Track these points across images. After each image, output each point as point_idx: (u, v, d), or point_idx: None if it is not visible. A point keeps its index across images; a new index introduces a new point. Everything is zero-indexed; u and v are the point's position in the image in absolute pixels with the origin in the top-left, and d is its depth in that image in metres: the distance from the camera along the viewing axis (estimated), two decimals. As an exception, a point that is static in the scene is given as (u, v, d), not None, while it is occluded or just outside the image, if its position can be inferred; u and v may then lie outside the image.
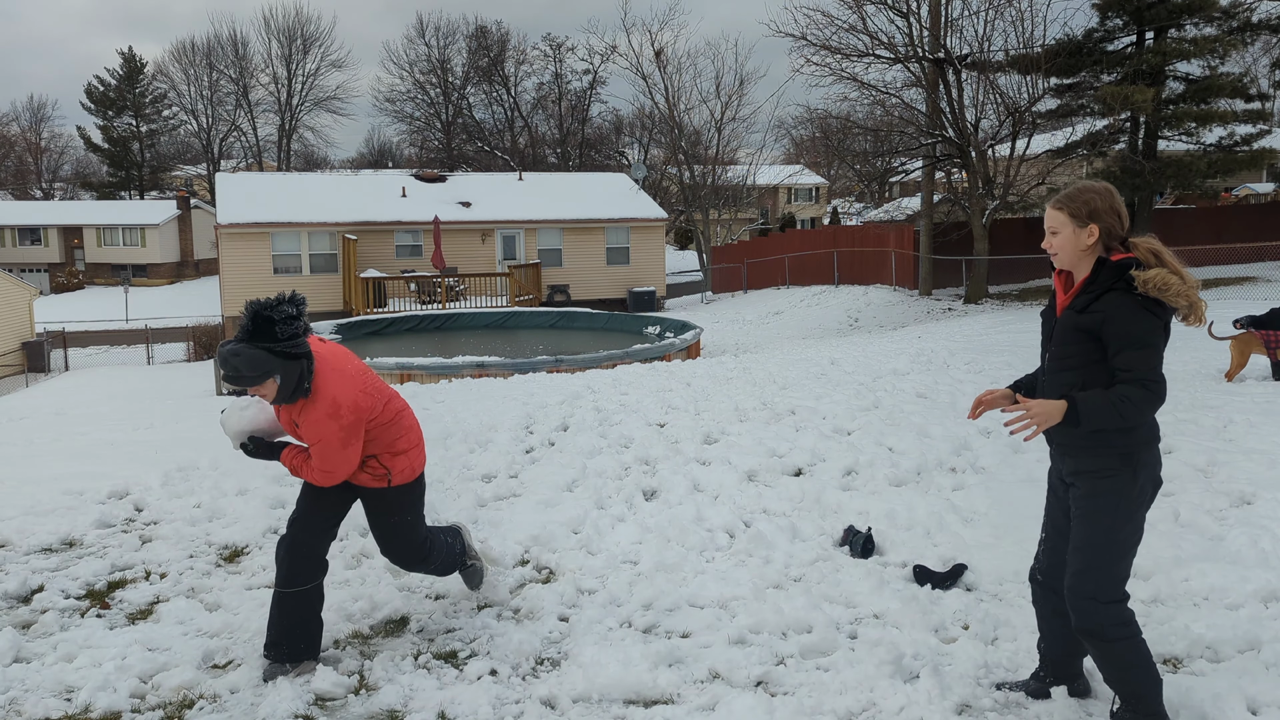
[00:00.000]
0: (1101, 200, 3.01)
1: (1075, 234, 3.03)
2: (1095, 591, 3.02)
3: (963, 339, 14.42)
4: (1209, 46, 22.20)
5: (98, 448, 8.06)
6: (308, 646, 3.83)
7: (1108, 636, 3.01)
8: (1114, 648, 3.02)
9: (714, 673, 3.72)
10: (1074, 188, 3.09)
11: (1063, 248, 3.06)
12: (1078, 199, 3.03)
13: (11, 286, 32.24)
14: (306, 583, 3.82)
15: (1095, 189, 3.05)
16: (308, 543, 3.85)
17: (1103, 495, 3.02)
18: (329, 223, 30.82)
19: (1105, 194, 3.03)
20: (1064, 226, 3.05)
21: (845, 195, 64.95)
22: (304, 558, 3.83)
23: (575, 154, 60.71)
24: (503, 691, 3.63)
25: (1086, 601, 3.03)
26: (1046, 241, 3.12)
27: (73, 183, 77.07)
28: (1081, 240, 3.02)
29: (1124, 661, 3.03)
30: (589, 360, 15.91)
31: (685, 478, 6.13)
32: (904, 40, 23.44)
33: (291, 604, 3.81)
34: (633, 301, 32.47)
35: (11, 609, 4.54)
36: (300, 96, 71.77)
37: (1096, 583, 3.03)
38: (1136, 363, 2.90)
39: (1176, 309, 2.92)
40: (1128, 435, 2.99)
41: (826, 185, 69.50)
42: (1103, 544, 3.02)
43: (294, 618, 3.80)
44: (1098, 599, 3.02)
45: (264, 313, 3.53)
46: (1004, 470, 6.06)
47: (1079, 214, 3.02)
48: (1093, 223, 3.01)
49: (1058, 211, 3.06)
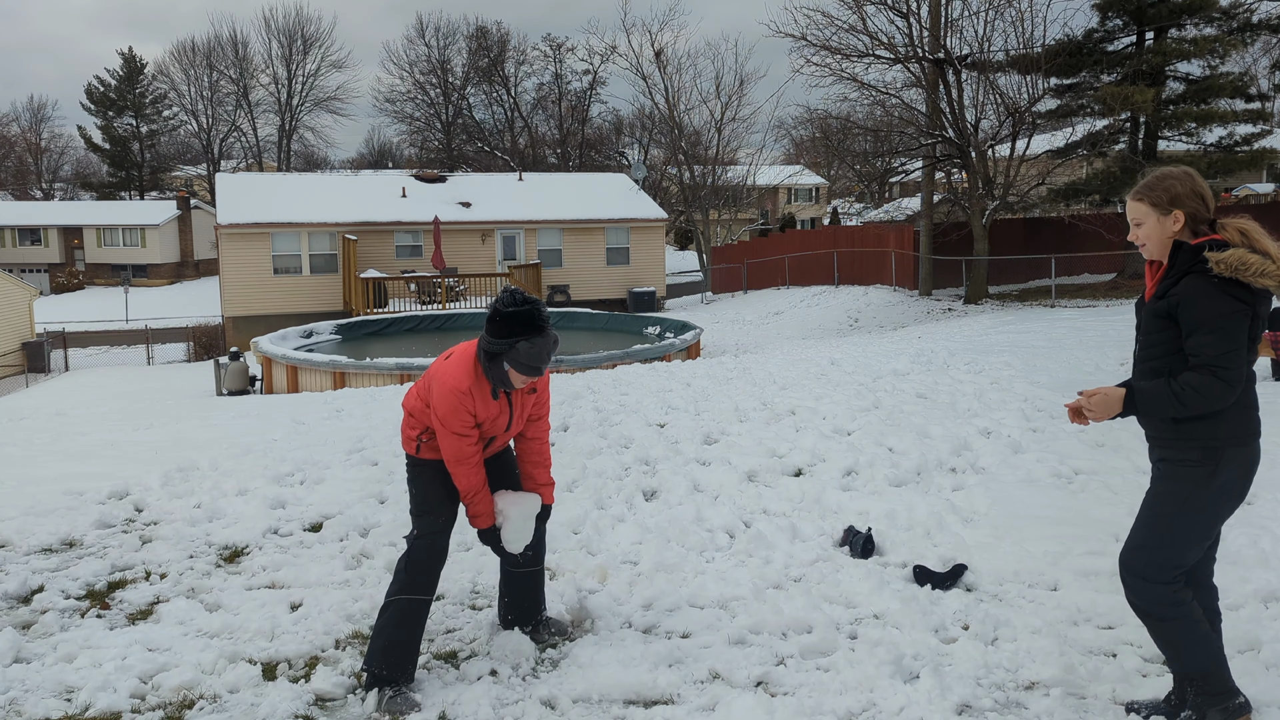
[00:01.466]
0: (1182, 185, 2.95)
1: (1160, 222, 2.97)
2: (1144, 570, 3.03)
3: (963, 339, 14.42)
4: (1209, 46, 22.21)
5: (98, 448, 8.06)
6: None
7: (1157, 615, 3.02)
8: (1164, 626, 3.03)
9: (714, 673, 3.72)
10: (1152, 176, 3.03)
11: (1149, 237, 3.00)
12: (1157, 187, 2.97)
13: (11, 287, 32.24)
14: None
15: (1174, 174, 2.99)
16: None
17: (1175, 480, 2.99)
18: (329, 223, 30.82)
19: (1185, 178, 2.97)
20: (1147, 216, 2.99)
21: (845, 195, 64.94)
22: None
23: (575, 154, 60.70)
24: (503, 692, 3.62)
25: (1135, 579, 3.05)
26: (1132, 234, 3.06)
27: (73, 183, 77.09)
28: (1167, 228, 2.96)
29: (1177, 640, 3.03)
30: (589, 360, 15.91)
31: (685, 478, 6.13)
32: (904, 40, 23.47)
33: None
34: (633, 302, 32.47)
35: (11, 609, 4.54)
36: (300, 97, 71.83)
37: (1145, 562, 3.03)
38: (1204, 347, 2.83)
39: (1268, 289, 2.82)
40: (1213, 428, 2.92)
41: (826, 185, 69.50)
42: (1161, 527, 3.01)
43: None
44: (1146, 578, 3.02)
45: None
46: (1004, 470, 6.06)
47: (1160, 202, 2.96)
48: (1175, 209, 2.95)
49: (1139, 202, 3.00)
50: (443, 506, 3.80)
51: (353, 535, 5.41)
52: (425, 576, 3.73)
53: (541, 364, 3.55)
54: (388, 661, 3.63)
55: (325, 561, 5.02)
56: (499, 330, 3.53)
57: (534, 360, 3.52)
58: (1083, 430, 6.83)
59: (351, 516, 5.64)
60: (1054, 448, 6.45)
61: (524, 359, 3.52)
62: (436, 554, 3.76)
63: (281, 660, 3.93)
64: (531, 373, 3.56)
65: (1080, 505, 5.38)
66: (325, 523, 5.65)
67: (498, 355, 3.56)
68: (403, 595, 3.70)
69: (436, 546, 3.76)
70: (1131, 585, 3.06)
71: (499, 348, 3.54)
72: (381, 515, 5.68)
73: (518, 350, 3.51)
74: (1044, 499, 5.51)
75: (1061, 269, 24.05)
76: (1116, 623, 4.01)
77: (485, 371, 3.63)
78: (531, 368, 3.54)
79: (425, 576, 3.73)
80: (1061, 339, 13.05)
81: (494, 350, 3.56)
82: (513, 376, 3.59)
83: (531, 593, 4.12)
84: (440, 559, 3.78)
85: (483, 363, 3.63)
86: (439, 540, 3.77)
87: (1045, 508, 5.35)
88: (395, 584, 3.74)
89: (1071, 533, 4.91)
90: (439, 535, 3.77)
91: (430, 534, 3.76)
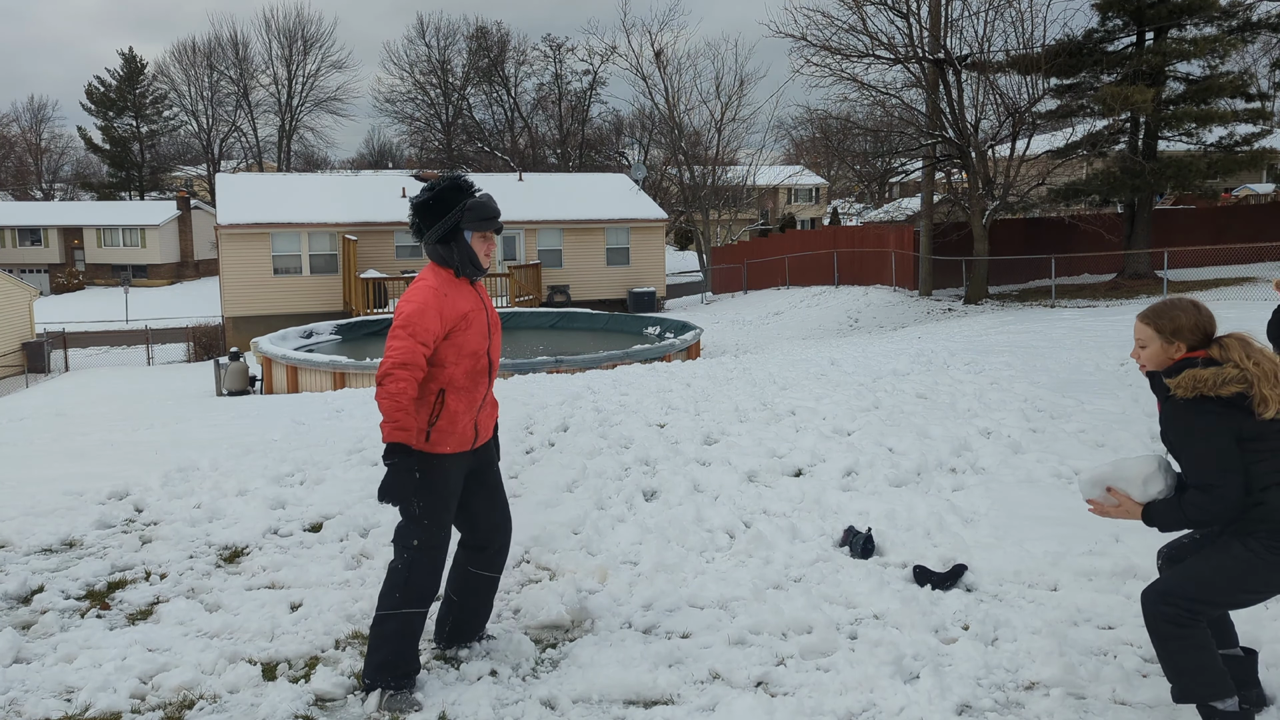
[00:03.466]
0: (1187, 318, 3.15)
1: (1163, 349, 3.17)
2: (1166, 589, 3.15)
3: (963, 339, 14.42)
4: (1209, 46, 22.21)
5: (98, 448, 8.06)
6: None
7: (1161, 634, 3.12)
8: (1166, 646, 3.12)
9: (714, 673, 3.72)
10: (1162, 303, 3.23)
11: (1150, 360, 3.21)
12: (1164, 315, 3.17)
13: (12, 287, 32.24)
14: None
15: (1182, 306, 3.18)
16: None
17: (1216, 550, 3.15)
18: (329, 223, 30.82)
19: (1191, 311, 3.16)
20: (1152, 341, 3.19)
21: (845, 196, 64.97)
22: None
23: (575, 154, 60.70)
24: (503, 692, 3.62)
25: (1155, 594, 3.16)
26: (1135, 352, 3.26)
27: (73, 183, 77.09)
28: (1169, 354, 3.17)
29: (1175, 661, 3.12)
30: (589, 361, 15.91)
31: (685, 478, 6.13)
32: (904, 41, 23.47)
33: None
34: (633, 302, 32.47)
35: (11, 609, 4.54)
36: (300, 97, 71.81)
37: (1171, 587, 3.16)
38: (1189, 468, 3.07)
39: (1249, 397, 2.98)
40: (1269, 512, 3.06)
41: (826, 186, 69.51)
42: (1196, 575, 3.14)
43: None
44: (1165, 596, 3.13)
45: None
46: (1004, 470, 6.06)
47: (1164, 330, 3.16)
48: (1178, 340, 3.15)
49: (1146, 326, 3.20)
50: (450, 517, 3.72)
51: (353, 535, 5.41)
52: (427, 590, 3.67)
53: (492, 212, 3.57)
54: (388, 674, 3.58)
55: (325, 561, 5.02)
56: (441, 207, 3.58)
57: (485, 211, 3.54)
58: (1083, 431, 6.83)
59: (351, 517, 5.64)
60: (1054, 448, 6.45)
61: (478, 214, 3.54)
62: (439, 568, 3.70)
63: (281, 660, 3.93)
64: (486, 224, 3.56)
65: (1080, 505, 5.36)
66: (325, 523, 5.65)
67: (452, 229, 3.58)
68: (404, 610, 3.61)
69: (440, 560, 3.70)
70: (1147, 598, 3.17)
71: (450, 221, 3.57)
72: (381, 515, 5.68)
73: (469, 212, 3.55)
74: (1044, 499, 5.51)
75: (1061, 269, 24.04)
76: (1116, 623, 4.02)
77: (449, 261, 3.63)
78: (484, 219, 3.55)
79: (427, 590, 3.67)
80: (1061, 339, 13.04)
81: (446, 227, 3.58)
82: (476, 244, 3.60)
83: (484, 603, 3.96)
84: (441, 572, 3.72)
85: (441, 257, 3.63)
86: (442, 555, 3.71)
87: (1045, 508, 5.35)
88: (394, 595, 3.61)
89: (1071, 533, 4.91)
90: (442, 550, 3.71)
91: (435, 548, 3.67)
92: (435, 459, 3.65)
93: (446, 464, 3.68)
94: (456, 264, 3.63)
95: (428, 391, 3.62)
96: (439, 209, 3.58)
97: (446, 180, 3.63)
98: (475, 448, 3.79)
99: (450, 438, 3.66)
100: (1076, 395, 7.97)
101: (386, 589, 3.65)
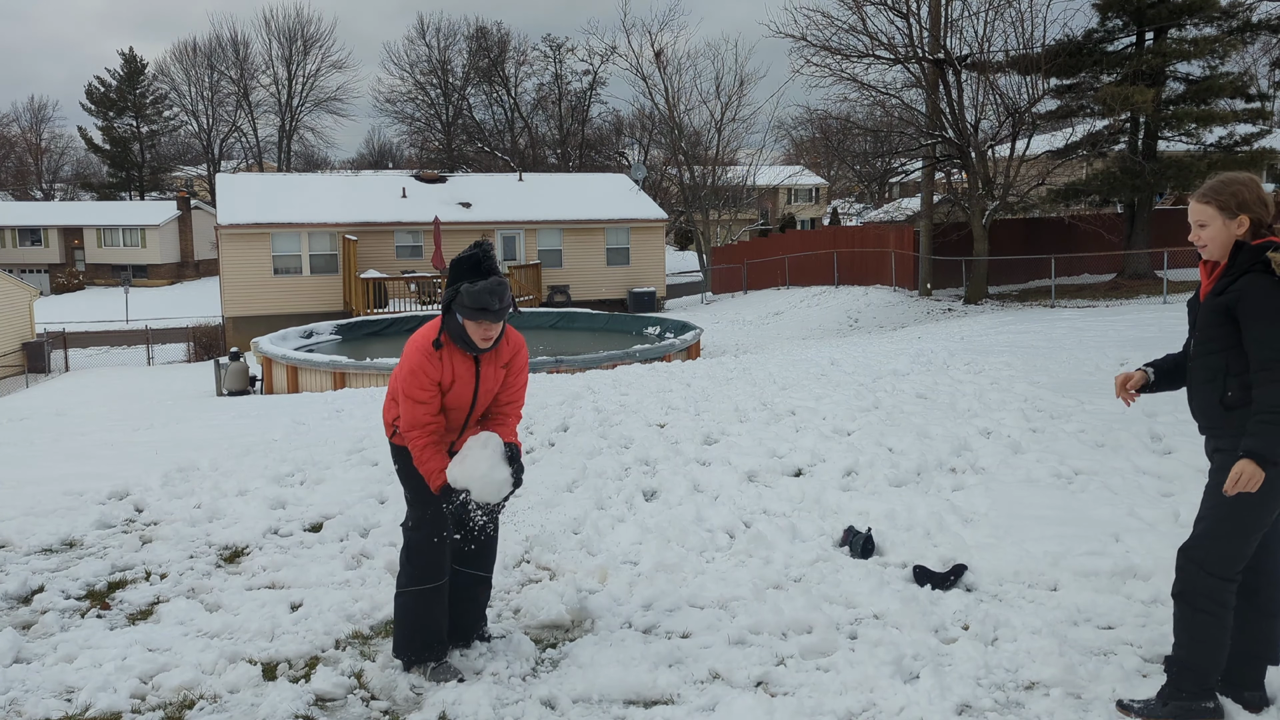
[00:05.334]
0: (1249, 191, 3.05)
1: (1225, 225, 3.07)
2: (1203, 559, 3.08)
3: (962, 340, 14.42)
4: (1209, 47, 22.22)
5: (98, 448, 8.06)
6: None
7: (1196, 605, 3.07)
8: (1196, 617, 3.08)
9: (714, 673, 3.72)
10: (1219, 180, 3.12)
11: (1213, 240, 3.09)
12: (1224, 191, 3.07)
13: (12, 287, 32.23)
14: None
15: (1241, 180, 3.08)
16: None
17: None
18: (329, 223, 30.82)
19: (1252, 184, 3.07)
20: (1213, 219, 3.08)
21: (845, 196, 64.94)
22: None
23: (575, 154, 60.68)
24: (503, 692, 3.62)
25: (1194, 567, 3.09)
26: (1194, 235, 3.14)
27: (73, 183, 77.06)
28: (1232, 231, 3.06)
29: (1196, 633, 3.08)
30: (589, 361, 15.91)
31: (685, 478, 6.13)
32: (904, 41, 23.47)
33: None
34: (633, 302, 32.46)
35: (12, 609, 4.54)
36: (301, 97, 71.77)
37: (1207, 551, 3.07)
38: (1265, 341, 2.93)
39: None
40: None
41: (826, 186, 69.48)
42: (1223, 517, 3.05)
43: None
44: (1204, 567, 3.07)
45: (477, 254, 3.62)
46: (1004, 470, 6.05)
47: (1228, 206, 3.06)
48: (1242, 213, 3.04)
49: (1205, 205, 3.09)
50: (434, 496, 3.77)
51: (353, 535, 5.41)
52: (429, 565, 3.75)
53: (484, 304, 3.50)
54: (414, 647, 3.75)
55: (325, 561, 5.02)
56: (449, 280, 3.60)
57: (476, 302, 3.51)
58: (1083, 431, 6.83)
59: (351, 517, 5.64)
60: (1054, 448, 6.45)
61: (468, 301, 3.52)
62: (434, 543, 3.77)
63: (281, 660, 3.93)
64: (478, 314, 3.52)
65: (1080, 505, 5.38)
66: (325, 523, 5.65)
67: (449, 305, 3.60)
68: (411, 588, 3.75)
69: (434, 535, 3.77)
70: (1186, 572, 3.11)
71: (448, 296, 3.59)
72: (381, 515, 5.68)
73: (462, 295, 3.53)
74: (1044, 499, 5.50)
75: (1061, 269, 24.04)
76: (1116, 623, 4.02)
77: (448, 330, 3.64)
78: (475, 309, 3.52)
79: (429, 565, 3.75)
80: (1061, 339, 13.05)
81: (445, 300, 3.60)
82: (469, 329, 3.59)
83: (475, 602, 3.99)
84: (440, 546, 3.78)
85: (445, 318, 3.65)
86: (434, 530, 3.77)
87: (1045, 508, 5.34)
88: (402, 575, 3.79)
89: (1071, 533, 4.91)
90: (433, 526, 3.77)
91: (424, 525, 3.77)
92: (402, 449, 3.81)
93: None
94: (452, 330, 3.65)
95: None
96: (449, 280, 3.63)
97: (468, 251, 3.62)
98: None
99: None
100: (1076, 395, 7.97)
101: (400, 569, 3.82)
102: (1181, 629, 3.15)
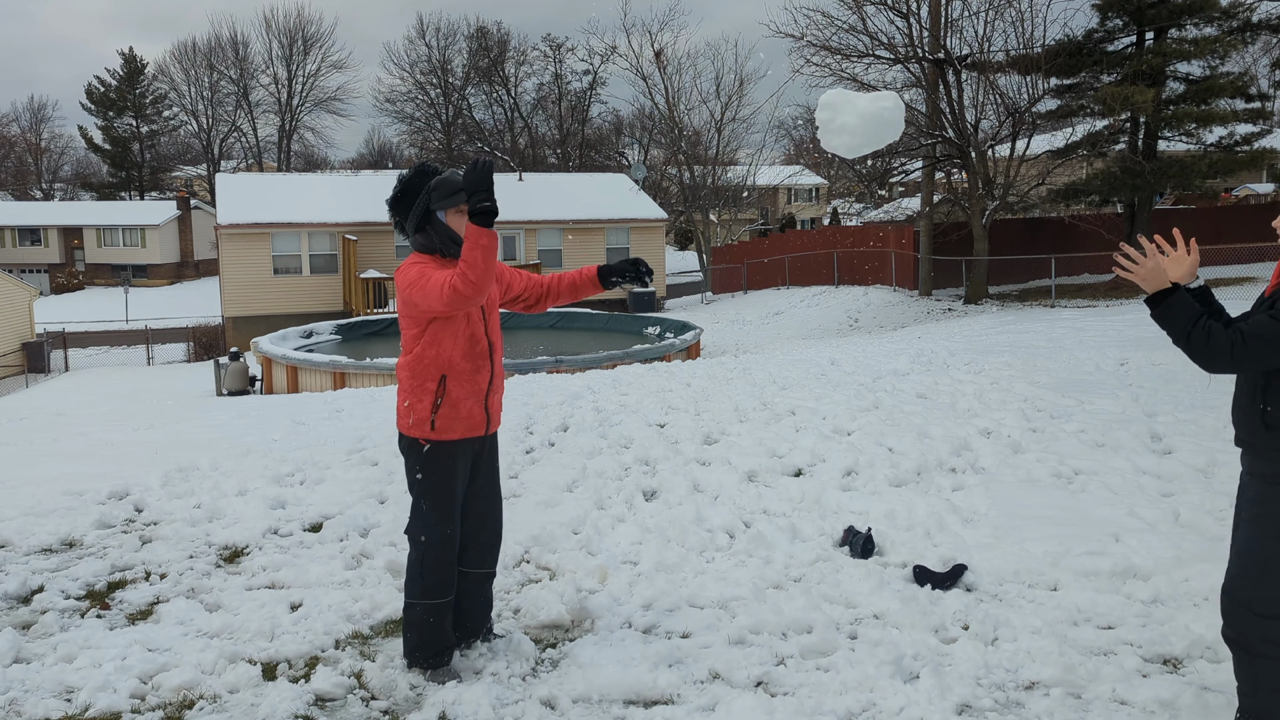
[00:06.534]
0: None
1: None
2: (1250, 601, 2.88)
3: (962, 339, 14.42)
4: (1209, 47, 22.22)
5: (98, 448, 8.06)
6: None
7: (1254, 651, 2.89)
8: (1255, 663, 2.90)
9: (714, 673, 3.72)
10: None
11: None
12: None
13: (11, 287, 32.24)
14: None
15: None
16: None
17: (1271, 502, 2.85)
18: (329, 223, 30.82)
19: None
20: None
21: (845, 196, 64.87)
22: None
23: (575, 154, 60.68)
24: (503, 692, 3.62)
25: (1240, 609, 2.90)
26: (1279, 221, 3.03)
27: (73, 183, 77.10)
28: None
29: (1261, 680, 2.90)
30: (589, 360, 15.91)
31: (685, 478, 6.12)
32: (904, 41, 23.47)
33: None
34: (633, 302, 32.47)
35: (11, 609, 4.54)
36: (300, 97, 71.83)
37: (1252, 593, 2.88)
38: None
39: None
40: None
41: (826, 186, 69.46)
42: (1265, 555, 2.85)
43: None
44: (1252, 609, 2.88)
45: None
46: (1004, 470, 6.06)
47: None
48: None
49: None
50: (456, 510, 3.72)
51: (353, 535, 5.41)
52: (443, 583, 3.71)
53: (459, 183, 3.45)
54: (427, 655, 3.76)
55: (325, 561, 5.02)
56: (410, 196, 3.56)
57: (452, 184, 3.48)
58: (1083, 431, 6.83)
59: (351, 517, 5.64)
60: (1054, 448, 6.45)
61: (443, 189, 3.50)
62: (451, 560, 3.74)
63: (281, 660, 3.93)
64: (457, 198, 3.49)
65: (1080, 505, 5.38)
66: (325, 523, 5.64)
67: (424, 214, 3.55)
68: (424, 601, 3.71)
69: (450, 552, 3.73)
70: (1233, 615, 2.92)
71: (420, 206, 3.54)
72: (382, 515, 5.68)
73: (434, 191, 3.51)
74: (1044, 499, 5.50)
75: (1061, 269, 24.04)
76: (1116, 623, 4.02)
77: (432, 248, 3.59)
78: (454, 192, 3.49)
79: (443, 583, 3.71)
80: (1061, 339, 13.05)
81: (419, 213, 3.55)
82: (453, 220, 3.55)
83: (480, 600, 3.96)
84: (453, 565, 3.76)
85: (424, 245, 3.59)
86: (452, 548, 3.73)
87: (1045, 508, 5.35)
88: (414, 588, 3.71)
89: (1071, 533, 4.91)
90: (451, 543, 3.73)
91: (442, 544, 3.69)
92: (443, 448, 3.64)
93: (455, 451, 3.67)
94: (439, 247, 3.58)
95: (428, 378, 3.61)
96: (408, 198, 3.58)
97: (411, 170, 3.63)
98: (487, 434, 3.77)
99: (456, 424, 3.64)
100: (1076, 395, 7.97)
101: (409, 578, 3.75)
102: (1244, 677, 2.95)
